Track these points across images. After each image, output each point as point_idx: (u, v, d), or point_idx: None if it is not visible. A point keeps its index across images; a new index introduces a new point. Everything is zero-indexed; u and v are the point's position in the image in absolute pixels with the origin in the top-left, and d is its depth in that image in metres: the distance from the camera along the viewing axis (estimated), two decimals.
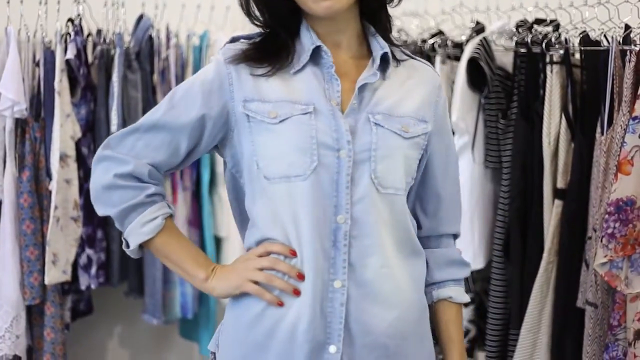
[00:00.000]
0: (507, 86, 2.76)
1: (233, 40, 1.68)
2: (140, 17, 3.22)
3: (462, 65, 2.76)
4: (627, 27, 2.31)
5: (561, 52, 2.52)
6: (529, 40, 2.62)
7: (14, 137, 2.91)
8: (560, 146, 2.51)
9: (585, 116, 2.45)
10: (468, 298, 1.79)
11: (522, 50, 2.65)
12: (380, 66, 1.66)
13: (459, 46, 2.93)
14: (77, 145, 3.00)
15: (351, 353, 1.58)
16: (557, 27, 2.63)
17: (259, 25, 1.67)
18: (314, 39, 1.62)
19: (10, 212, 2.88)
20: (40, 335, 3.00)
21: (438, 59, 2.95)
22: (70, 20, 3.06)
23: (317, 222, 1.56)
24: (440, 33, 3.09)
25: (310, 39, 1.63)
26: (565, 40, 2.52)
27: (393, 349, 1.61)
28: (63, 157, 2.91)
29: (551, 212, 2.52)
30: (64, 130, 2.92)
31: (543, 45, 2.56)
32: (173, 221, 1.68)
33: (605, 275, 2.19)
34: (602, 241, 2.18)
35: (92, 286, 3.12)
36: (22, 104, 2.84)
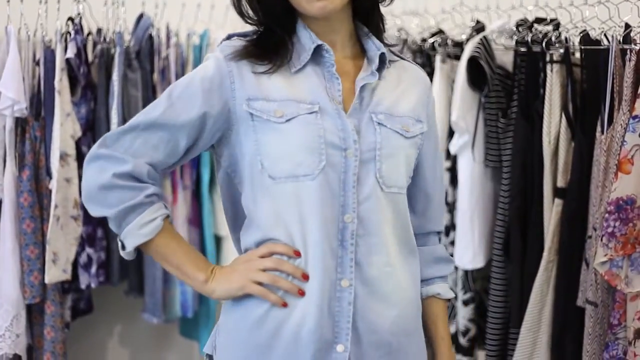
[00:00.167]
0: (507, 85, 2.76)
1: (228, 37, 1.67)
2: (141, 16, 3.22)
3: (462, 64, 2.76)
4: (627, 26, 2.31)
5: (561, 51, 2.52)
6: (529, 39, 2.61)
7: (14, 136, 2.91)
8: (560, 145, 2.51)
9: (585, 115, 2.45)
10: (453, 294, 1.82)
11: (522, 49, 2.65)
12: (377, 66, 1.67)
13: (459, 45, 2.93)
14: (77, 144, 3.00)
15: (358, 351, 1.59)
16: (557, 26, 2.63)
17: (252, 24, 1.66)
18: (314, 38, 1.62)
19: (10, 211, 2.88)
20: (41, 334, 3.00)
21: (438, 58, 2.95)
22: (71, 19, 3.06)
23: (325, 222, 1.56)
24: (440, 32, 3.09)
25: (310, 38, 1.62)
26: (566, 39, 2.52)
27: (395, 346, 1.62)
28: (63, 156, 2.91)
29: (551, 211, 2.52)
30: (64, 129, 2.92)
31: (543, 44, 2.56)
32: (170, 222, 1.64)
33: (605, 274, 2.19)
34: (602, 240, 2.18)
35: (92, 285, 3.12)
36: (22, 103, 2.84)
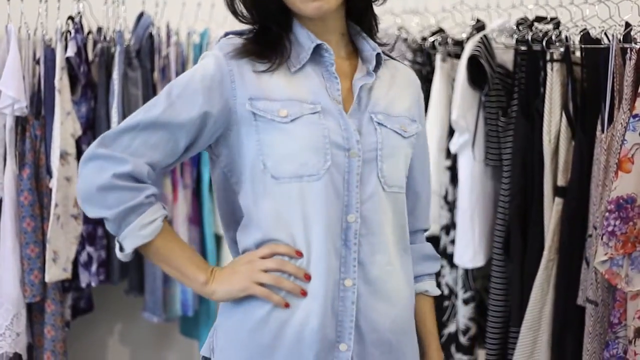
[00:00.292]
0: (508, 84, 2.76)
1: (225, 35, 1.66)
2: (141, 15, 3.22)
3: (463, 63, 2.76)
4: (627, 25, 2.31)
5: (562, 49, 2.52)
6: (530, 38, 2.61)
7: (15, 135, 2.90)
8: (560, 144, 2.50)
9: (585, 114, 2.45)
10: (439, 291, 1.84)
11: (523, 48, 2.65)
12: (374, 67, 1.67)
13: (460, 44, 2.93)
14: (78, 143, 3.00)
15: (360, 350, 1.59)
16: (557, 24, 2.63)
17: (246, 23, 1.65)
18: (313, 38, 1.61)
19: (10, 210, 2.88)
20: (41, 332, 3.00)
21: (438, 57, 2.95)
22: (71, 18, 3.06)
23: (329, 222, 1.56)
24: (440, 31, 3.09)
25: (309, 37, 1.62)
26: (566, 38, 2.52)
27: (395, 345, 1.63)
28: (63, 155, 2.91)
29: (551, 210, 2.52)
30: (65, 128, 2.92)
31: (543, 43, 2.56)
32: (169, 223, 1.63)
33: (605, 273, 2.19)
34: (602, 239, 2.18)
35: (93, 284, 3.12)
36: (22, 101, 2.84)
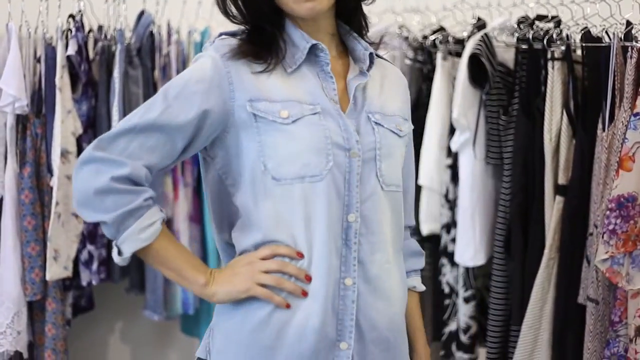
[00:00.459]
0: (509, 82, 2.76)
1: (219, 36, 1.65)
2: (142, 13, 3.22)
3: (464, 61, 2.76)
4: (628, 23, 2.31)
5: (562, 48, 2.52)
6: (531, 37, 2.61)
7: (15, 133, 2.91)
8: (561, 142, 2.50)
9: (586, 112, 2.45)
10: (424, 287, 1.85)
11: (524, 47, 2.65)
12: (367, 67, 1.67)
13: (460, 42, 2.93)
14: (78, 141, 3.00)
15: (360, 349, 1.60)
16: (558, 23, 2.63)
17: (238, 23, 1.64)
18: (307, 38, 1.61)
19: (11, 209, 2.87)
20: (42, 331, 3.00)
21: (439, 55, 2.95)
22: (72, 16, 3.06)
23: (331, 222, 1.56)
24: (441, 29, 3.09)
25: (303, 37, 1.61)
26: (567, 36, 2.52)
27: (392, 342, 1.64)
28: (64, 153, 2.91)
29: (552, 209, 2.52)
30: (65, 126, 2.92)
31: (544, 42, 2.56)
32: (166, 226, 1.61)
33: (606, 272, 2.19)
34: (603, 237, 2.18)
35: (94, 282, 3.12)
36: (23, 100, 2.83)
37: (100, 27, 3.18)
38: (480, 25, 2.90)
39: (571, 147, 2.49)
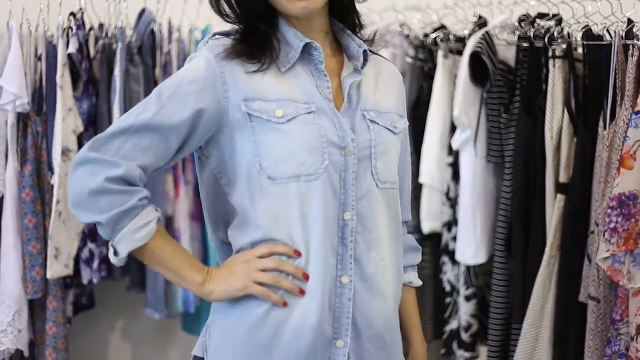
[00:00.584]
0: (510, 80, 2.75)
1: (213, 36, 1.65)
2: (142, 11, 3.22)
3: (465, 59, 2.75)
4: (629, 21, 2.31)
5: (564, 46, 2.52)
6: (532, 35, 2.61)
7: (16, 131, 2.91)
8: (562, 140, 2.50)
9: (587, 110, 2.45)
10: (421, 282, 1.85)
11: (525, 45, 2.65)
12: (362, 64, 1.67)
13: (462, 40, 2.93)
14: (79, 139, 3.00)
15: (356, 346, 1.60)
16: (559, 21, 2.62)
17: (232, 22, 1.64)
18: (300, 36, 1.61)
19: (12, 207, 2.88)
20: (43, 329, 3.00)
21: (440, 53, 2.95)
22: (72, 14, 3.06)
23: (327, 220, 1.56)
24: (442, 27, 3.09)
25: (297, 36, 1.61)
26: (568, 34, 2.52)
27: (387, 340, 1.65)
28: (65, 151, 2.91)
29: (553, 207, 2.52)
30: (66, 124, 2.92)
31: (545, 40, 2.55)
32: (161, 225, 1.61)
33: (607, 270, 2.19)
34: (604, 236, 2.18)
35: (94, 280, 3.12)
36: (24, 98, 2.84)
37: (101, 25, 3.18)
38: (481, 23, 2.90)
39: (572, 145, 2.48)
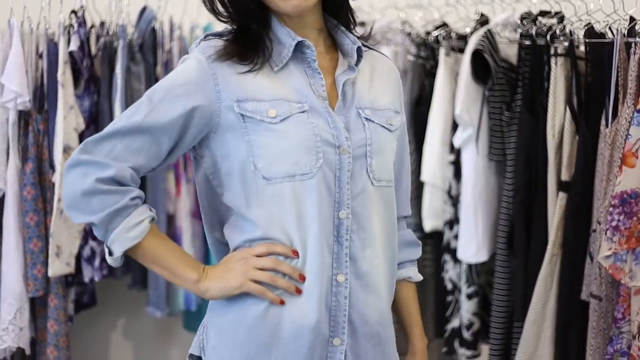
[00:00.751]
0: (512, 78, 2.75)
1: (205, 37, 1.65)
2: (144, 9, 3.22)
3: (466, 57, 2.75)
4: (632, 19, 2.30)
5: (566, 44, 2.52)
6: (534, 32, 2.61)
7: (17, 129, 2.91)
8: (564, 139, 2.50)
9: (589, 109, 2.44)
10: (421, 277, 1.84)
11: (527, 43, 2.65)
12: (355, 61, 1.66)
13: (463, 38, 2.93)
14: (81, 137, 3.00)
15: (353, 344, 1.61)
16: (561, 19, 2.62)
17: (225, 22, 1.64)
18: (293, 35, 1.60)
19: (13, 205, 2.88)
20: (44, 327, 3.00)
21: (442, 51, 2.95)
22: (74, 12, 3.06)
23: (322, 219, 1.56)
24: (444, 25, 3.09)
25: (289, 35, 1.60)
26: (570, 32, 2.51)
27: (382, 336, 1.65)
28: (66, 149, 2.91)
29: (555, 205, 2.52)
30: (67, 122, 2.92)
31: (547, 38, 2.55)
32: (156, 224, 1.61)
33: (609, 268, 2.18)
34: (606, 234, 2.18)
35: (96, 278, 3.12)
36: (25, 95, 2.83)
37: (102, 23, 3.18)
38: (483, 21, 2.89)
39: (574, 144, 2.48)
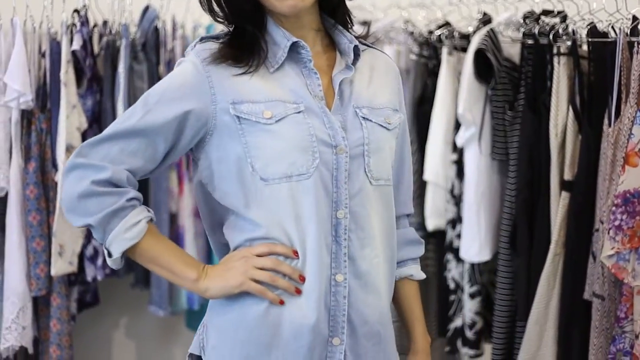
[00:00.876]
0: (514, 77, 2.75)
1: (200, 40, 1.65)
2: (146, 8, 3.22)
3: (469, 56, 2.75)
4: (634, 18, 2.30)
5: (568, 43, 2.51)
6: (536, 32, 2.60)
7: (20, 128, 2.91)
8: (567, 138, 2.50)
9: (592, 108, 2.44)
10: (424, 275, 1.83)
11: (530, 42, 2.64)
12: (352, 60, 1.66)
13: (466, 37, 2.93)
14: (83, 136, 3.00)
15: (352, 343, 1.61)
16: (564, 18, 2.62)
17: (222, 22, 1.64)
18: (288, 35, 1.60)
19: (16, 204, 2.88)
20: (47, 326, 3.01)
21: (445, 50, 2.95)
22: (76, 11, 3.06)
23: (320, 219, 1.56)
24: (447, 24, 3.08)
25: (284, 35, 1.60)
26: (573, 31, 2.51)
27: (383, 335, 1.65)
28: (69, 148, 2.91)
29: (558, 204, 2.51)
30: (70, 121, 2.93)
31: (550, 37, 2.55)
32: (154, 224, 1.62)
33: (612, 268, 2.18)
34: (609, 233, 2.18)
35: (99, 277, 3.12)
36: (28, 95, 2.84)
37: (105, 22, 3.18)
38: (485, 20, 2.89)
39: (577, 143, 2.48)
